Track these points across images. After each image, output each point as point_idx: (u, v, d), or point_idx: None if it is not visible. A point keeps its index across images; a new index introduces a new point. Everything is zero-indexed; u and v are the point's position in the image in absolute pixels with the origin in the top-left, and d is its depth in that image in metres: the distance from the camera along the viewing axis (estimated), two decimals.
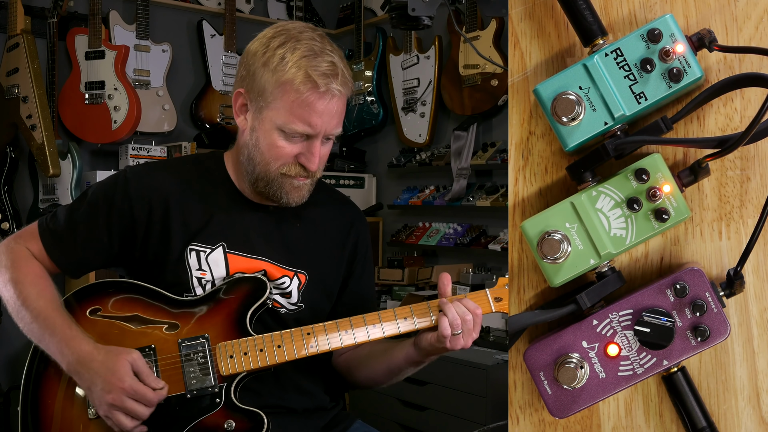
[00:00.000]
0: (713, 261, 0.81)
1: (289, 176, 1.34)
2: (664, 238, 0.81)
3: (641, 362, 0.76)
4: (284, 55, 1.29)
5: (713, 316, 0.75)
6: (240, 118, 1.38)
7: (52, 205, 3.05)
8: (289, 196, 1.36)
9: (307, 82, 1.27)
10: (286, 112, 1.29)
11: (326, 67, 1.28)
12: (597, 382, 0.77)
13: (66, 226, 1.40)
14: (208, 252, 1.37)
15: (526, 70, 0.83)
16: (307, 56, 1.28)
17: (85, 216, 1.40)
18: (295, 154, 1.32)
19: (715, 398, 0.80)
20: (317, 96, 1.27)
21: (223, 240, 1.38)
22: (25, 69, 2.98)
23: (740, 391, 0.80)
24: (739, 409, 0.80)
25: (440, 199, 3.42)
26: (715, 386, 0.80)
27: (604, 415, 0.82)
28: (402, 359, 1.37)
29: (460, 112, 3.38)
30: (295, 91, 1.27)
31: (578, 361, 0.77)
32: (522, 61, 0.83)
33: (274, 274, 1.40)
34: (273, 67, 1.29)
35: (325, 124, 1.30)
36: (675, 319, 0.75)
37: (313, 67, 1.27)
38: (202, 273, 1.37)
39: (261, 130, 1.33)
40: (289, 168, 1.33)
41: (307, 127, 1.29)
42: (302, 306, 1.42)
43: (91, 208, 1.40)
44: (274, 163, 1.33)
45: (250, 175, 1.37)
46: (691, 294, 0.75)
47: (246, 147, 1.37)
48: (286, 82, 1.28)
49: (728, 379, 0.80)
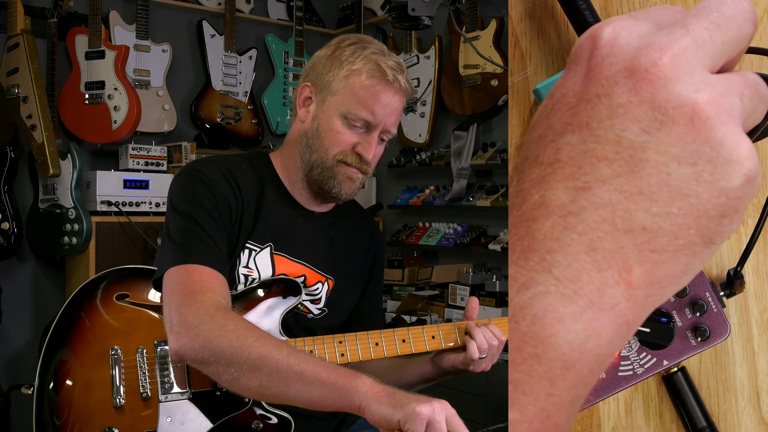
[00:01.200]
0: (713, 261, 0.81)
1: (345, 164, 1.36)
2: None
3: (641, 362, 0.76)
4: (355, 51, 1.35)
5: (713, 316, 0.75)
6: (302, 109, 1.40)
7: (52, 205, 3.05)
8: (342, 186, 1.37)
9: (377, 71, 1.32)
10: (351, 98, 1.33)
11: (394, 63, 1.35)
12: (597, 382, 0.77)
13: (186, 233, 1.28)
14: (258, 251, 1.38)
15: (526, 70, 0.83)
16: (377, 53, 1.34)
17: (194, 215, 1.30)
18: (354, 143, 1.35)
19: (715, 398, 0.80)
20: (384, 85, 1.32)
21: (271, 240, 1.39)
22: (25, 69, 2.98)
23: (740, 391, 0.80)
24: (739, 409, 0.80)
25: (440, 199, 3.42)
26: (715, 386, 0.80)
27: (604, 415, 0.82)
28: (415, 376, 1.40)
29: (460, 112, 3.38)
30: (367, 76, 1.32)
31: None
32: (522, 61, 0.83)
33: (311, 279, 1.42)
34: (342, 60, 1.35)
35: (386, 116, 1.34)
36: (675, 319, 0.75)
37: (382, 61, 1.33)
38: (248, 270, 1.37)
39: (323, 117, 1.36)
40: (346, 156, 1.36)
41: (370, 114, 1.32)
42: (326, 310, 1.45)
43: (191, 207, 1.30)
44: (332, 149, 1.35)
45: (305, 164, 1.39)
46: (691, 294, 0.75)
47: (305, 135, 1.39)
48: (355, 71, 1.33)
49: (728, 379, 0.80)
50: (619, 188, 0.36)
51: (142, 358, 1.33)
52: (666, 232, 0.36)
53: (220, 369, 1.11)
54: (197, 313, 1.14)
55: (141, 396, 1.29)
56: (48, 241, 3.05)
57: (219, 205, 1.30)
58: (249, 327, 1.14)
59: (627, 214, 0.36)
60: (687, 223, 0.36)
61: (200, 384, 1.29)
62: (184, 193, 1.32)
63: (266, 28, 3.99)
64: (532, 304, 0.36)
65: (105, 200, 3.03)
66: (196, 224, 1.27)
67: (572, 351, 0.36)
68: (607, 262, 0.36)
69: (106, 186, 3.05)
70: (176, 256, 1.24)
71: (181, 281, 1.21)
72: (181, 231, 1.27)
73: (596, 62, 0.38)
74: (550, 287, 0.36)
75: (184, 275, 1.21)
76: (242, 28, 3.81)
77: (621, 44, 0.38)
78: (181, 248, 1.25)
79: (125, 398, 1.30)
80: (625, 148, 0.36)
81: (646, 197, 0.36)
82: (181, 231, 1.27)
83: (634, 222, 0.36)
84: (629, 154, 0.36)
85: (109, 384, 1.30)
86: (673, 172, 0.36)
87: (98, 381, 1.32)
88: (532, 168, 0.38)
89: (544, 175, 0.38)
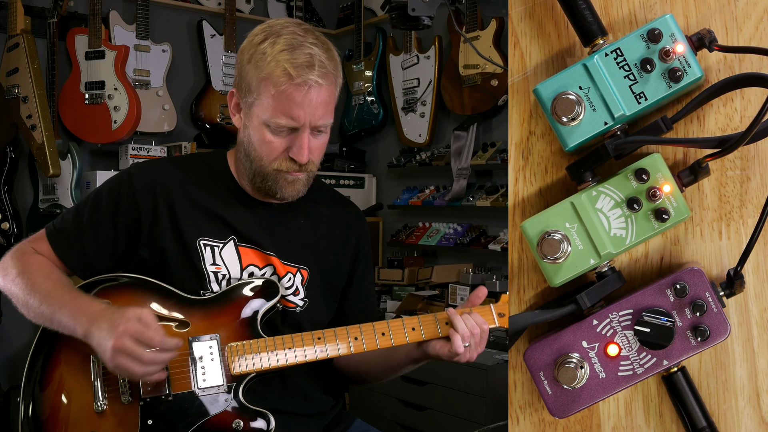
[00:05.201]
0: (713, 261, 0.81)
1: (282, 171, 1.35)
2: (664, 238, 0.81)
3: (641, 362, 0.76)
4: (265, 51, 1.31)
5: (713, 316, 0.75)
6: (235, 117, 1.40)
7: (52, 205, 3.05)
8: (284, 190, 1.37)
9: (284, 75, 1.28)
10: (269, 106, 1.30)
11: (303, 59, 1.29)
12: (597, 382, 0.77)
13: (72, 224, 1.42)
14: (221, 246, 1.39)
15: (526, 70, 0.83)
16: (285, 50, 1.29)
17: (91, 212, 1.41)
18: (284, 148, 1.34)
19: (715, 398, 0.80)
20: (294, 88, 1.28)
21: (233, 234, 1.40)
22: (25, 69, 2.98)
23: (740, 391, 0.80)
24: (739, 409, 0.80)
25: (440, 199, 3.42)
26: (715, 386, 0.80)
27: (604, 415, 0.82)
28: (403, 357, 1.41)
29: (460, 112, 3.38)
30: (274, 84, 1.29)
31: (578, 361, 0.77)
32: (522, 61, 0.83)
33: (280, 270, 1.41)
34: (255, 63, 1.31)
35: (308, 116, 1.31)
36: (675, 319, 0.75)
37: (289, 60, 1.28)
38: (217, 267, 1.38)
39: (251, 127, 1.35)
40: (281, 163, 1.35)
41: (290, 119, 1.30)
42: (307, 301, 1.44)
43: (96, 204, 1.41)
44: (266, 158, 1.35)
45: (248, 171, 1.40)
46: (691, 294, 0.75)
47: (242, 144, 1.39)
48: (267, 77, 1.30)
49: (728, 379, 0.80)
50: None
51: None
52: None
53: (18, 303, 1.37)
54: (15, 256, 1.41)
55: (121, 400, 1.29)
56: None
57: (118, 214, 1.40)
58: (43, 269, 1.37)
59: None
60: None
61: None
62: (99, 190, 1.44)
63: None
64: None
65: None
66: (81, 229, 1.41)
67: None
68: None
69: None
70: (51, 234, 1.43)
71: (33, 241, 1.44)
72: (71, 219, 1.43)
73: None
74: None
75: (38, 245, 1.43)
76: (242, 28, 3.80)
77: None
78: (61, 234, 1.43)
79: (107, 403, 1.30)
80: None
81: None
82: (71, 219, 1.43)
83: None
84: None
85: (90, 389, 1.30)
86: None
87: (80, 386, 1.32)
88: None
89: None
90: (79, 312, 1.28)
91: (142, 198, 1.38)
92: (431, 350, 1.34)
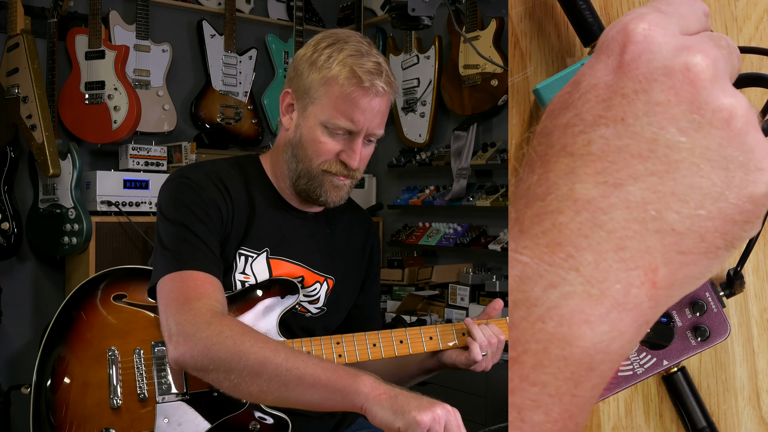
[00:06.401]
0: None
1: (330, 173, 1.35)
2: None
3: (641, 362, 0.76)
4: (331, 54, 1.31)
5: (713, 316, 0.75)
6: (286, 117, 1.39)
7: (52, 205, 3.05)
8: (329, 195, 1.37)
9: (352, 77, 1.29)
10: (330, 107, 1.30)
11: (371, 65, 1.30)
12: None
13: (177, 239, 1.28)
14: (255, 257, 1.38)
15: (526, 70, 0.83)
16: (353, 55, 1.31)
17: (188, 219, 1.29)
18: (337, 151, 1.34)
19: (715, 398, 0.80)
20: (361, 92, 1.29)
21: (267, 245, 1.39)
22: (25, 69, 2.98)
23: (740, 391, 0.80)
24: (739, 409, 0.80)
25: (440, 199, 3.42)
26: (715, 386, 0.80)
27: (604, 415, 0.82)
28: (416, 368, 1.42)
29: (460, 112, 3.38)
30: (339, 86, 1.29)
31: None
32: (522, 61, 0.83)
33: (308, 280, 1.42)
34: (319, 66, 1.32)
35: (367, 122, 1.32)
36: (675, 319, 0.75)
37: (358, 65, 1.29)
38: (245, 276, 1.36)
39: (305, 126, 1.34)
40: (331, 165, 1.34)
41: (350, 122, 1.31)
42: (325, 309, 1.45)
43: (183, 212, 1.29)
44: (316, 159, 1.34)
45: (292, 173, 1.38)
46: (691, 294, 0.75)
47: (290, 144, 1.38)
48: (332, 78, 1.30)
49: (728, 379, 0.80)
50: (652, 187, 0.36)
51: (140, 359, 1.33)
52: (693, 235, 0.36)
53: (220, 376, 1.11)
54: (194, 321, 1.14)
55: (138, 397, 1.29)
56: (48, 241, 3.05)
57: (209, 209, 1.30)
58: (246, 331, 1.13)
59: (658, 214, 0.36)
60: (714, 227, 0.36)
61: (197, 385, 1.29)
62: (173, 199, 1.32)
63: (266, 28, 3.99)
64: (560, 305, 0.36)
65: (105, 200, 3.03)
66: (187, 230, 1.27)
67: (597, 352, 0.36)
68: (634, 261, 0.36)
69: (106, 186, 3.05)
70: (169, 263, 1.24)
71: (176, 289, 1.21)
72: (172, 238, 1.27)
73: (631, 57, 0.38)
74: (577, 287, 0.36)
75: (178, 282, 1.21)
76: (242, 28, 3.81)
77: (658, 42, 0.37)
78: (174, 255, 1.25)
79: (122, 399, 1.29)
80: (661, 147, 0.36)
81: (678, 198, 0.36)
82: (172, 238, 1.27)
83: (664, 222, 0.36)
84: (664, 153, 0.36)
85: (106, 384, 1.30)
86: (705, 175, 0.36)
87: (96, 381, 1.32)
88: (560, 158, 0.38)
89: (574, 167, 0.37)
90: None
91: (214, 195, 1.33)
92: (447, 359, 1.35)
